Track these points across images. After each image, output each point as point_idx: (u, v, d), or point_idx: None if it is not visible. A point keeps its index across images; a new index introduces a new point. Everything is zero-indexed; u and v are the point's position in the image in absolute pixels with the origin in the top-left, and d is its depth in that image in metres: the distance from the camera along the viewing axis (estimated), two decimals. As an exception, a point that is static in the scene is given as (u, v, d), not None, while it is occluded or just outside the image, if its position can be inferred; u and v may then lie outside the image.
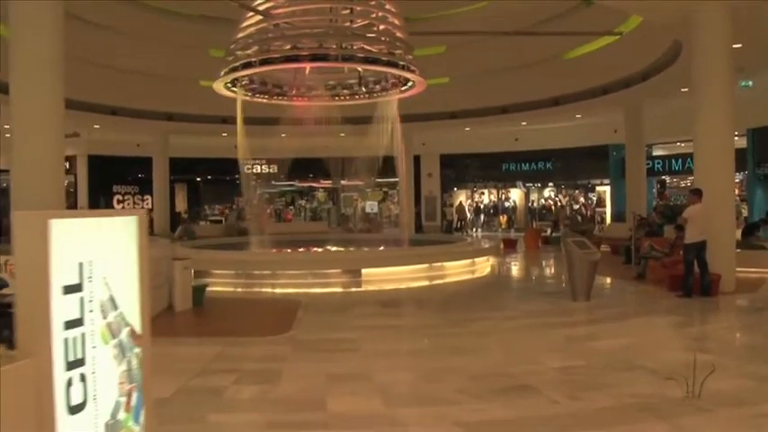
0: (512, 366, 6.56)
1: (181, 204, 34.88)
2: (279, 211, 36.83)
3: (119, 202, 31.44)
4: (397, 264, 14.40)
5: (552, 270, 17.13)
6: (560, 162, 30.75)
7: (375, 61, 16.92)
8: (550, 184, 32.92)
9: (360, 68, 18.67)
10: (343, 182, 36.48)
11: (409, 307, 10.91)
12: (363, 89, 20.27)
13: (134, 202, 31.95)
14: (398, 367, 6.75)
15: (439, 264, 14.98)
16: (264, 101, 20.37)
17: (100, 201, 29.71)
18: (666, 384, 5.52)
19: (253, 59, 16.85)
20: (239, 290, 13.45)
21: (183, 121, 26.04)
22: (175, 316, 9.98)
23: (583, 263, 10.62)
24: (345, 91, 20.63)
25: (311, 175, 35.20)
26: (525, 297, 11.70)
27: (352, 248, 18.67)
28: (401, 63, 17.25)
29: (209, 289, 13.31)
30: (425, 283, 14.06)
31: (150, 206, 29.76)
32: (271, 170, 34.80)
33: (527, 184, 33.30)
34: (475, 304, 11.07)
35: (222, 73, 17.67)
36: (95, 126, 25.85)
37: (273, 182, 36.48)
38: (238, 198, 35.71)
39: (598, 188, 30.40)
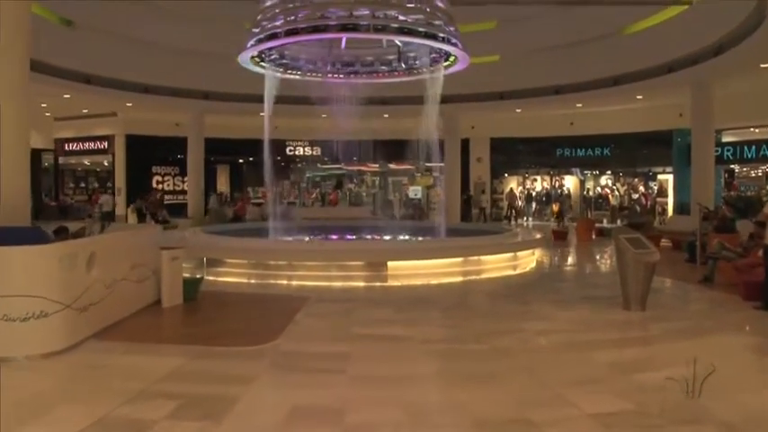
0: (534, 408, 4.94)
1: (223, 186, 34.10)
2: (323, 195, 35.78)
3: (158, 182, 30.73)
4: (427, 257, 12.90)
5: (605, 266, 15.28)
6: (619, 148, 28.50)
7: (411, 32, 15.41)
8: (608, 171, 30.65)
9: (398, 41, 17.24)
10: (391, 165, 35.12)
11: (429, 310, 9.31)
12: (403, 65, 18.83)
13: (174, 183, 31.20)
14: (386, 401, 5.21)
15: (476, 257, 13.42)
16: (297, 77, 19.14)
17: (139, 181, 28.98)
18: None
19: (278, 30, 15.59)
20: (253, 281, 12.25)
21: (220, 100, 25.01)
22: (156, 314, 8.68)
23: (638, 265, 8.84)
24: (384, 67, 19.23)
25: (355, 158, 33.68)
26: (568, 302, 9.89)
27: (382, 238, 17.20)
28: (441, 35, 15.72)
29: (221, 280, 12.27)
30: (459, 278, 12.54)
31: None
32: (314, 152, 33.70)
33: (585, 173, 31.11)
34: (507, 309, 9.43)
35: (248, 45, 16.48)
36: (128, 104, 24.98)
37: (319, 165, 35.48)
38: (283, 181, 34.83)
39: (659, 177, 28.05)
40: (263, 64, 17.60)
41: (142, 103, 24.40)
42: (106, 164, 30.99)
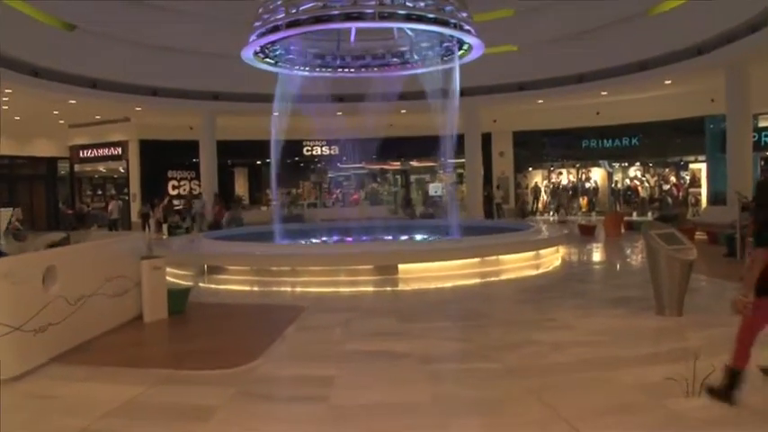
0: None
1: (241, 189, 33.52)
2: (344, 195, 35.05)
3: (174, 187, 30.19)
4: (440, 258, 11.96)
5: (635, 262, 14.20)
6: (648, 138, 27.16)
7: (420, 19, 14.53)
8: (637, 162, 29.28)
9: (407, 29, 16.34)
10: (412, 163, 34.25)
11: (437, 319, 8.36)
12: (416, 57, 17.96)
13: (191, 187, 30.57)
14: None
15: (494, 257, 12.46)
16: (306, 73, 18.38)
17: (154, 186, 28.36)
18: None
19: (279, 22, 14.83)
20: (255, 289, 11.52)
21: (231, 101, 24.37)
22: (135, 331, 7.86)
23: (672, 264, 7.79)
24: (396, 59, 18.37)
25: (374, 157, 32.80)
26: (593, 307, 8.80)
27: (398, 238, 16.31)
28: (452, 21, 14.81)
29: (222, 288, 11.53)
30: (476, 281, 11.58)
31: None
32: (332, 152, 32.91)
33: (613, 164, 29.78)
34: (524, 317, 8.40)
35: (250, 40, 15.77)
36: (137, 108, 24.38)
37: (339, 164, 34.75)
38: (304, 182, 34.23)
39: (691, 166, 26.69)
40: (267, 60, 16.87)
41: (151, 106, 23.80)
42: (122, 170, 30.51)
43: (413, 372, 5.93)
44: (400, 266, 11.73)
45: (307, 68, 18.11)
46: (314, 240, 16.70)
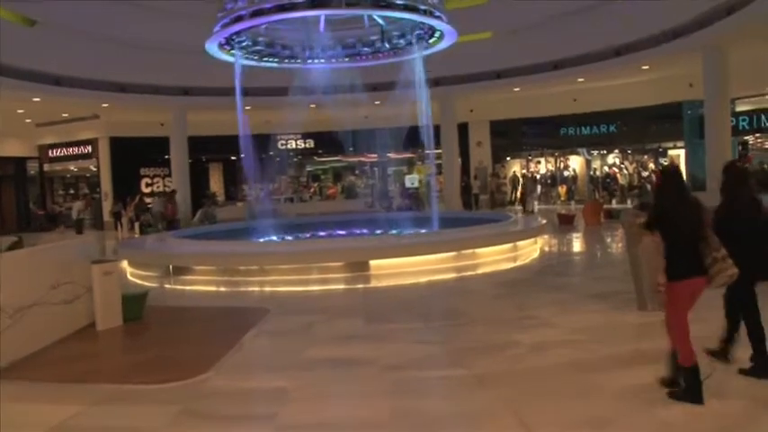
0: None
1: (216, 185, 32.88)
2: (321, 189, 34.56)
3: (147, 185, 29.46)
4: (413, 253, 11.49)
5: (615, 252, 13.84)
6: (626, 124, 26.85)
7: (388, 5, 14.05)
8: (615, 149, 29.00)
9: (377, 17, 15.88)
10: (389, 155, 33.79)
11: (407, 320, 7.87)
12: (387, 45, 17.49)
13: (164, 185, 29.84)
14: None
15: (470, 251, 12.02)
16: (275, 65, 17.86)
17: (126, 184, 27.56)
18: None
19: (243, 12, 14.31)
20: (222, 290, 11.07)
21: (201, 95, 23.71)
22: (85, 341, 7.31)
23: (653, 254, 7.36)
24: (366, 49, 17.87)
25: (351, 149, 32.30)
26: (573, 302, 8.38)
27: (373, 233, 15.86)
28: (422, 7, 14.38)
29: (189, 289, 11.05)
30: (452, 275, 11.15)
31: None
32: (307, 145, 32.40)
33: (591, 152, 29.48)
34: (500, 315, 7.96)
35: (214, 31, 15.24)
36: (103, 105, 23.62)
37: (316, 158, 34.29)
38: (282, 177, 33.62)
39: (670, 152, 26.45)
40: (233, 52, 16.31)
41: (119, 102, 23.07)
42: (93, 168, 29.76)
43: (375, 382, 5.45)
44: (373, 262, 11.28)
45: (275, 60, 17.62)
46: (287, 237, 16.21)
